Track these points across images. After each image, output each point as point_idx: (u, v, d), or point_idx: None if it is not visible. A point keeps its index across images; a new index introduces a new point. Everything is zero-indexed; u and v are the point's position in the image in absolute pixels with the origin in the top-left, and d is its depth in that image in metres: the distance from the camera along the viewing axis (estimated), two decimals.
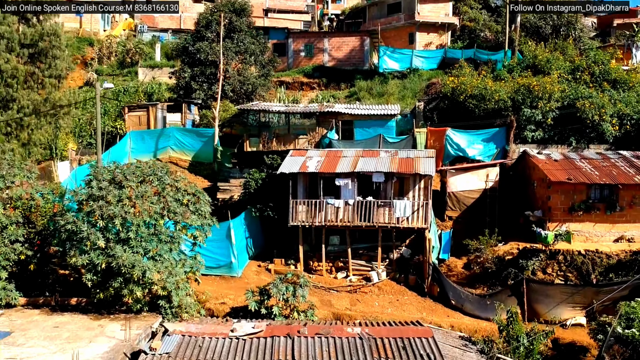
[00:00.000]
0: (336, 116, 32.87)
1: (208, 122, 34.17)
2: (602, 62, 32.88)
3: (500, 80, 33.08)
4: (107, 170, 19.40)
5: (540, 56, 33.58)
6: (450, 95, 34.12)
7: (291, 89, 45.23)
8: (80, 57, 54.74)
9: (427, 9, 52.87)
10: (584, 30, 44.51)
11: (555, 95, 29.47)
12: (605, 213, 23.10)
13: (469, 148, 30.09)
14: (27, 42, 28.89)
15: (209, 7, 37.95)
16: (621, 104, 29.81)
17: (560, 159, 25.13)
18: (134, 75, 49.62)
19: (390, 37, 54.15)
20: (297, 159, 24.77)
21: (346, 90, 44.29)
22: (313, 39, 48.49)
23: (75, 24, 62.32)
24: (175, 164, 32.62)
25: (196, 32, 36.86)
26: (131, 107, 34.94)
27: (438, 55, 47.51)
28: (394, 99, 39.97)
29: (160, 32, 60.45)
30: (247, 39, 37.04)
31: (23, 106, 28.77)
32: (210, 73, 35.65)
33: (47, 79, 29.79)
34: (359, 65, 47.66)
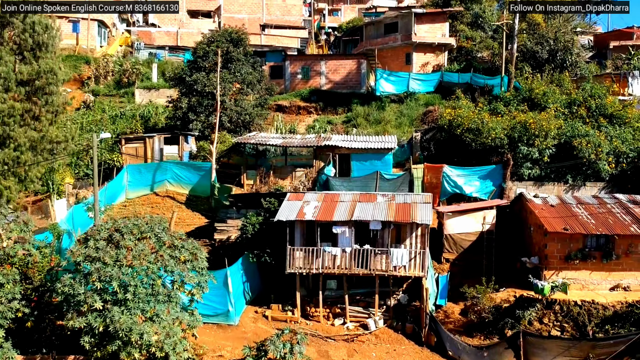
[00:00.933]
0: (333, 149, 32.96)
1: (205, 155, 34.13)
2: (598, 95, 32.91)
3: (497, 114, 33.11)
4: (104, 228, 19.38)
5: (536, 89, 33.62)
6: (447, 128, 34.17)
7: (288, 113, 45.28)
8: (76, 75, 54.72)
9: (423, 30, 52.92)
10: (580, 55, 44.58)
11: (551, 132, 29.53)
12: (601, 261, 23.17)
13: (466, 185, 30.17)
14: (24, 80, 28.84)
15: (206, 36, 37.85)
16: (617, 141, 29.90)
17: (556, 204, 25.19)
18: (131, 96, 49.57)
19: (387, 57, 54.21)
20: (294, 204, 24.77)
21: (343, 114, 44.33)
22: (310, 61, 48.52)
23: (72, 41, 62.24)
24: (172, 198, 32.64)
25: (193, 62, 36.80)
26: (128, 139, 34.87)
27: (435, 79, 47.61)
28: (390, 127, 40.05)
29: (157, 49, 60.37)
30: (244, 68, 37.03)
31: (20, 144, 28.73)
32: (207, 104, 35.63)
33: (43, 117, 29.74)
34: (356, 88, 47.71)
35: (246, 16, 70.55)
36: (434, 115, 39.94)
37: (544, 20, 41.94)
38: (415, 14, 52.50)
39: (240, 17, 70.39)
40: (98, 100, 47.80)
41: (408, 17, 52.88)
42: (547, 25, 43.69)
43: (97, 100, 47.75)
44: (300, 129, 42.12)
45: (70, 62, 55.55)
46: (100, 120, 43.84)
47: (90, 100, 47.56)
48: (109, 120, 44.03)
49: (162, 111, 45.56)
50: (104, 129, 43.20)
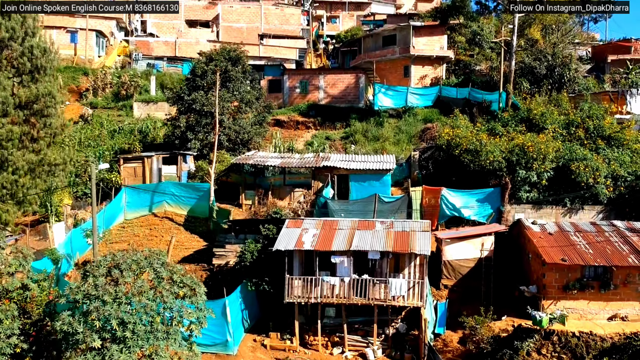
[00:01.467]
0: (332, 170, 32.98)
1: (204, 174, 34.13)
2: (596, 116, 32.98)
3: (495, 134, 33.17)
4: (103, 264, 19.34)
5: (534, 110, 33.68)
6: (446, 148, 34.21)
7: (287, 128, 45.31)
8: (75, 86, 54.72)
9: (422, 42, 52.99)
10: (578, 70, 44.65)
11: (550, 155, 29.59)
12: (599, 291, 23.22)
13: (464, 208, 30.24)
14: (22, 103, 28.81)
15: (204, 54, 37.81)
16: (615, 164, 29.98)
17: (554, 232, 25.24)
18: (129, 109, 49.60)
19: (385, 69, 54.31)
20: (293, 232, 24.78)
21: (341, 130, 44.37)
22: (308, 75, 48.53)
23: (70, 51, 62.21)
24: (170, 220, 32.63)
25: (192, 81, 36.78)
26: (126, 158, 34.84)
27: (433, 93, 47.68)
28: (389, 144, 40.09)
29: (155, 59, 60.29)
30: (242, 87, 37.02)
31: (18, 167, 28.72)
32: (206, 123, 35.62)
33: (42, 140, 29.73)
34: (354, 102, 47.73)
35: (244, 25, 70.60)
36: (432, 133, 39.98)
37: (542, 37, 41.94)
38: (413, 27, 52.51)
39: (239, 26, 70.49)
40: (96, 114, 47.77)
41: (406, 30, 52.95)
42: (546, 41, 43.76)
43: (95, 114, 47.72)
44: (299, 145, 42.16)
45: (68, 74, 55.68)
46: (99, 136, 43.80)
47: (89, 114, 47.55)
48: (107, 136, 44.01)
49: (161, 126, 45.67)
50: (102, 144, 43.38)
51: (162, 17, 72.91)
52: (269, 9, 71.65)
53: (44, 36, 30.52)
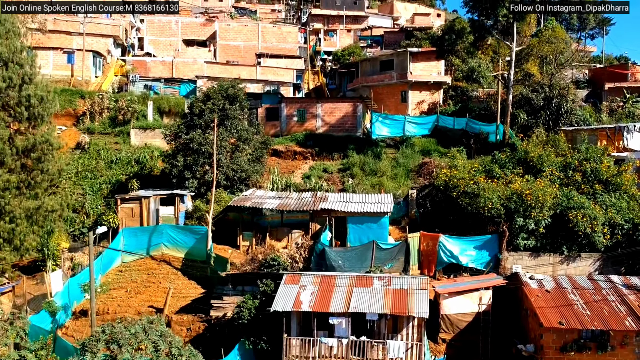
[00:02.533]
0: (329, 212, 32.98)
1: (202, 214, 34.12)
2: (593, 159, 33.07)
3: (493, 177, 33.21)
4: (101, 338, 19.33)
5: (532, 153, 33.73)
6: (443, 189, 34.28)
7: (284, 158, 45.34)
8: (71, 110, 54.59)
9: (419, 68, 53.12)
10: (575, 101, 44.75)
11: (547, 203, 29.64)
12: (596, 352, 23.27)
13: (462, 255, 30.31)
14: (19, 153, 28.75)
15: (203, 92, 37.76)
16: (612, 211, 30.07)
17: (552, 289, 25.28)
18: (126, 136, 49.53)
19: (383, 94, 54.47)
20: (291, 291, 24.78)
21: (339, 160, 44.38)
22: (305, 104, 48.54)
23: (67, 72, 62.22)
24: (168, 263, 32.60)
25: (189, 120, 36.72)
26: (123, 199, 34.78)
27: (430, 122, 47.75)
28: (386, 179, 40.16)
29: (152, 81, 60.18)
30: (240, 125, 36.98)
31: (15, 216, 28.67)
32: (203, 162, 35.60)
33: (39, 186, 29.68)
34: (352, 131, 47.72)
35: (242, 44, 70.61)
36: (430, 168, 40.04)
37: (539, 72, 42.04)
38: (410, 53, 52.55)
39: (236, 44, 70.50)
40: (93, 143, 47.64)
41: (403, 56, 53.10)
42: (543, 71, 43.84)
43: (92, 142, 47.59)
44: (296, 178, 42.16)
45: (65, 97, 55.37)
46: (96, 167, 43.72)
47: (86, 141, 47.46)
48: (104, 167, 43.92)
49: (158, 155, 45.65)
50: (99, 175, 43.30)
51: (159, 34, 73.03)
52: (266, 27, 71.72)
53: (40, 82, 30.39)
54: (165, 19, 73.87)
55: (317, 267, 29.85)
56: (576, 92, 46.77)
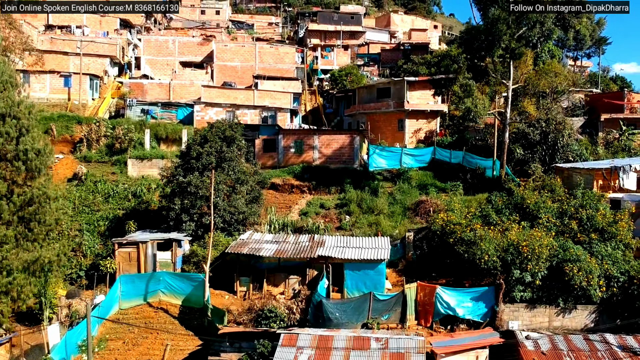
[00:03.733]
0: (327, 259, 33.06)
1: (198, 260, 34.17)
2: (589, 205, 33.21)
3: (489, 223, 33.32)
4: None
5: (528, 199, 33.83)
6: (440, 233, 34.39)
7: (281, 192, 45.48)
8: (68, 136, 54.60)
9: (415, 96, 53.31)
10: (571, 136, 44.90)
11: (543, 255, 29.75)
12: None
13: (459, 307, 30.40)
14: (16, 207, 28.70)
15: (200, 132, 37.76)
16: (608, 262, 30.21)
17: (547, 351, 25.42)
18: (123, 166, 49.61)
19: (379, 121, 54.65)
20: (288, 354, 24.87)
21: (336, 195, 44.49)
22: (303, 135, 48.59)
23: (64, 95, 62.34)
24: (165, 311, 32.62)
25: (186, 162, 36.74)
26: (120, 243, 34.79)
27: (427, 154, 47.92)
28: (383, 217, 40.18)
29: (149, 105, 60.18)
30: (237, 167, 37.03)
31: (12, 269, 28.65)
32: (200, 205, 35.64)
33: (36, 238, 29.66)
34: (349, 162, 47.84)
35: (239, 64, 70.69)
36: (427, 207, 40.14)
37: (535, 109, 42.18)
38: (407, 82, 52.66)
39: (233, 65, 70.57)
40: (90, 173, 47.61)
41: (400, 84, 53.26)
42: (540, 107, 43.98)
43: (89, 173, 47.55)
44: (294, 215, 42.28)
45: (62, 122, 55.59)
46: (93, 202, 43.71)
47: (82, 172, 47.41)
48: (101, 201, 43.93)
49: (155, 187, 45.69)
50: (95, 209, 43.30)
51: (156, 53, 73.04)
52: (263, 47, 71.82)
53: (38, 134, 30.31)
54: (162, 39, 73.95)
55: (314, 319, 29.92)
56: (572, 124, 46.81)
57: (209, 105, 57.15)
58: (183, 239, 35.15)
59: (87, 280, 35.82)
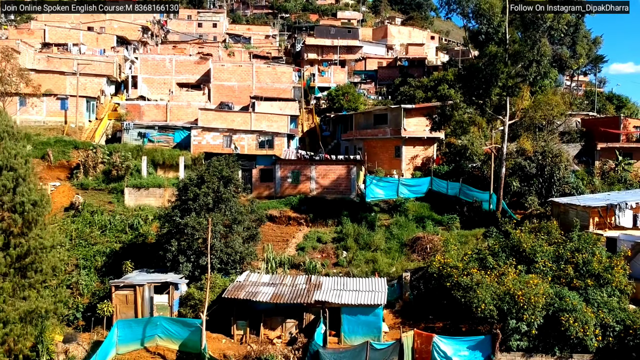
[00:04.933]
0: (324, 303, 33.11)
1: (195, 304, 34.20)
2: (585, 249, 33.34)
3: (486, 267, 33.42)
4: None
5: (524, 243, 33.95)
6: (437, 277, 34.50)
7: (278, 223, 45.56)
8: (65, 162, 54.55)
9: (412, 123, 53.39)
10: (567, 169, 45.02)
11: (539, 305, 29.85)
12: None
13: (455, 356, 30.41)
14: (13, 260, 28.70)
15: (198, 172, 37.72)
16: (604, 310, 30.32)
17: None
18: (120, 194, 49.54)
19: (376, 147, 54.77)
20: None
21: (333, 227, 44.58)
22: (300, 165, 48.61)
23: (60, 118, 62.33)
24: (162, 357, 32.64)
25: (183, 203, 36.73)
26: (117, 286, 34.80)
27: (424, 184, 48.02)
28: (380, 254, 40.23)
29: (146, 129, 60.14)
30: (234, 207, 37.04)
31: (9, 320, 28.66)
32: (197, 247, 35.67)
33: (33, 287, 29.67)
34: (346, 193, 47.92)
35: (236, 84, 70.70)
36: (424, 244, 40.23)
37: (532, 145, 42.30)
38: (404, 109, 52.72)
39: (230, 84, 70.58)
40: (87, 203, 47.55)
41: (397, 111, 53.36)
42: (536, 141, 44.10)
43: (85, 203, 47.48)
44: (291, 248, 42.38)
45: (59, 147, 55.57)
46: (90, 235, 43.66)
47: (79, 202, 47.36)
48: (97, 234, 43.89)
49: (152, 219, 45.69)
50: (92, 242, 43.26)
51: (153, 72, 72.98)
52: (260, 67, 71.77)
53: (34, 184, 30.31)
54: (159, 58, 73.92)
55: None
56: (569, 154, 46.91)
57: (206, 130, 57.18)
58: (179, 281, 35.15)
59: (84, 322, 35.80)
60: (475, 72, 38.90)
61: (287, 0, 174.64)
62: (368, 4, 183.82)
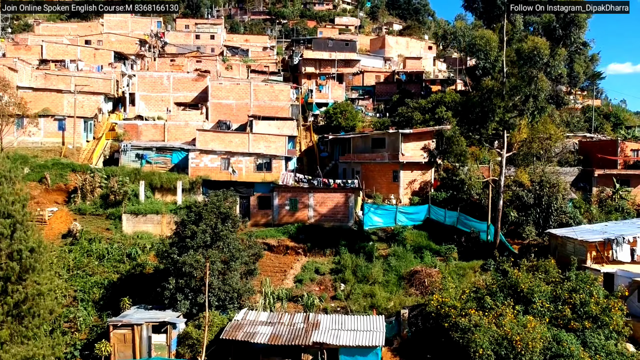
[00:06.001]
0: (322, 344, 33.16)
1: (193, 343, 34.21)
2: (582, 290, 33.44)
3: (484, 308, 33.46)
4: None
5: (522, 284, 33.99)
6: (435, 315, 34.57)
7: (276, 253, 45.59)
8: (63, 185, 54.50)
9: (410, 148, 53.46)
10: (565, 198, 45.10)
11: (537, 349, 29.92)
12: None
13: None
14: (10, 308, 28.67)
15: (195, 210, 37.67)
16: (602, 354, 30.42)
17: None
18: (118, 221, 49.53)
19: (374, 171, 54.85)
20: None
21: (331, 257, 44.61)
22: (297, 193, 48.63)
23: (58, 139, 62.25)
24: None
25: (181, 240, 36.73)
26: (115, 325, 34.79)
27: (422, 212, 48.09)
28: (378, 287, 40.23)
29: (144, 150, 60.05)
30: (232, 244, 37.03)
31: None
32: (195, 285, 35.67)
33: (30, 332, 29.65)
34: (344, 221, 47.96)
35: (234, 102, 70.69)
36: (421, 278, 40.23)
37: (529, 178, 42.34)
38: (402, 134, 52.74)
39: (228, 102, 70.58)
40: (85, 230, 47.50)
41: (395, 136, 53.30)
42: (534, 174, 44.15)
43: (83, 230, 47.43)
44: (289, 280, 42.41)
45: (56, 170, 55.56)
46: (88, 266, 43.65)
47: (77, 229, 47.35)
48: (96, 265, 43.87)
49: (150, 247, 45.73)
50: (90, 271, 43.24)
51: (150, 89, 72.96)
52: (258, 85, 71.78)
53: (32, 230, 30.26)
54: (156, 75, 73.92)
55: None
56: (566, 183, 46.97)
57: (204, 153, 57.13)
58: (177, 320, 35.12)
59: None
60: (471, 107, 38.95)
61: (285, 6, 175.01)
62: (366, 10, 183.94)
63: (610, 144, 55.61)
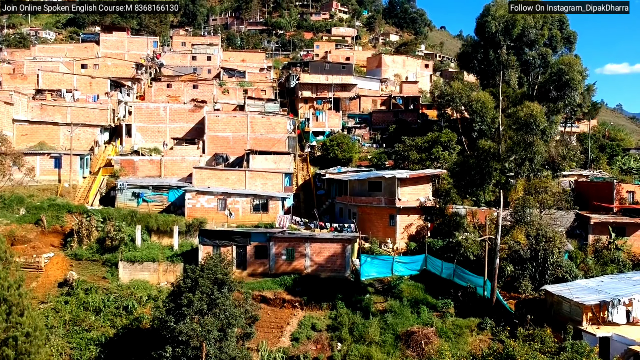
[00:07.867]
0: None
1: None
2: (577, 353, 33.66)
3: None
4: None
5: (519, 356, 34.02)
6: None
7: (272, 306, 45.56)
8: (59, 227, 54.41)
9: (407, 192, 53.51)
10: (561, 252, 45.20)
11: None
12: None
13: None
14: None
15: (191, 277, 37.58)
16: None
17: None
18: (114, 268, 49.46)
19: (371, 214, 54.82)
20: None
21: (327, 312, 44.54)
22: (294, 243, 48.58)
23: (54, 177, 62.19)
24: None
25: (177, 307, 36.66)
26: None
27: (419, 261, 48.13)
28: (375, 349, 40.28)
29: (140, 188, 60.01)
30: (228, 310, 36.97)
31: None
32: (191, 354, 35.62)
33: None
34: (341, 271, 47.98)
35: (230, 135, 70.60)
36: (418, 339, 40.26)
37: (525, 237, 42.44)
38: (399, 179, 52.73)
39: (225, 135, 70.47)
40: (81, 280, 47.43)
41: (391, 180, 53.26)
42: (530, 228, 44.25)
43: (80, 280, 47.37)
44: (285, 338, 42.42)
45: (52, 212, 55.47)
46: (84, 321, 43.56)
47: (73, 279, 47.33)
48: (92, 320, 43.78)
49: (146, 299, 45.74)
50: (86, 326, 43.18)
51: (147, 120, 72.84)
52: (255, 117, 71.69)
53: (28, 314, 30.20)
54: (153, 106, 73.79)
55: None
56: (563, 237, 47.03)
57: (200, 194, 57.15)
58: None
59: None
60: (468, 169, 38.97)
61: (282, 16, 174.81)
62: (362, 19, 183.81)
63: (606, 186, 55.69)
